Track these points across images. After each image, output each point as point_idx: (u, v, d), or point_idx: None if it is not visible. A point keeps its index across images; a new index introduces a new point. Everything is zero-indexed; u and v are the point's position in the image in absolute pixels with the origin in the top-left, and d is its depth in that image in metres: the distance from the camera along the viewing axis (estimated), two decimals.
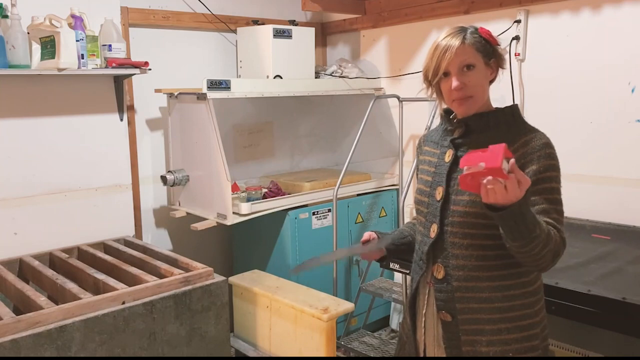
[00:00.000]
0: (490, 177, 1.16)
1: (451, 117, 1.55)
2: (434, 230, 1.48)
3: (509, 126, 1.45)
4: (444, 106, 1.54)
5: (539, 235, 1.26)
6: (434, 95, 1.52)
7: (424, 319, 1.55)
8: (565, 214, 2.89)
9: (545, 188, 1.38)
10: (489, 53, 1.44)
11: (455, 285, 1.45)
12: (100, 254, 2.50)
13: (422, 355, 1.57)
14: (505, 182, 1.16)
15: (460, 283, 1.44)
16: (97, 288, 2.15)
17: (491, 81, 1.49)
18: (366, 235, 1.67)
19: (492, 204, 1.21)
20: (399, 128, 3.36)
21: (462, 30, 1.44)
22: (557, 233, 1.34)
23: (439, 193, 1.48)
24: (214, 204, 2.89)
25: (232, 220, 2.82)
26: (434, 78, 1.45)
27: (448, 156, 1.50)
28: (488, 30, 1.45)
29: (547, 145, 1.41)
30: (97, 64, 2.54)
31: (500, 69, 1.49)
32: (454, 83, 1.41)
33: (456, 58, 1.40)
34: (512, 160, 1.18)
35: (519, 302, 1.43)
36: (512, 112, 1.48)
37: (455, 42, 1.41)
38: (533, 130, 1.46)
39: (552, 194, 1.39)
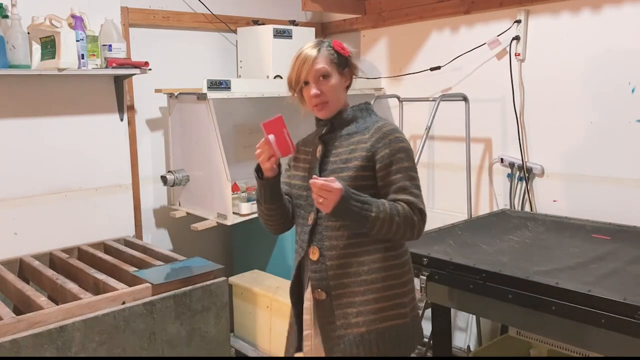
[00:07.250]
0: (317, 193, 1.46)
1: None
2: (311, 218, 1.64)
3: (364, 119, 1.68)
4: (307, 110, 1.71)
5: (377, 216, 1.48)
6: (298, 101, 1.70)
7: (306, 302, 1.68)
8: (566, 214, 2.88)
9: (400, 168, 1.57)
10: (342, 63, 1.63)
11: (328, 265, 1.60)
12: (101, 254, 2.50)
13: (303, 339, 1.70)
14: (317, 191, 1.45)
15: (333, 262, 1.60)
16: (97, 288, 2.15)
17: (347, 87, 1.69)
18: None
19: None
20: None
21: (319, 43, 1.64)
22: (408, 207, 1.53)
23: None
24: (214, 204, 2.89)
25: (232, 220, 2.82)
26: (297, 86, 1.64)
27: (319, 151, 1.68)
28: (340, 43, 1.64)
29: (396, 130, 1.63)
30: (97, 64, 2.54)
31: (354, 76, 1.69)
32: (313, 91, 1.61)
33: (313, 69, 1.59)
34: (316, 182, 1.46)
35: (385, 274, 1.59)
36: (366, 107, 1.71)
37: (312, 53, 1.60)
38: (383, 119, 1.69)
39: (408, 172, 1.58)
